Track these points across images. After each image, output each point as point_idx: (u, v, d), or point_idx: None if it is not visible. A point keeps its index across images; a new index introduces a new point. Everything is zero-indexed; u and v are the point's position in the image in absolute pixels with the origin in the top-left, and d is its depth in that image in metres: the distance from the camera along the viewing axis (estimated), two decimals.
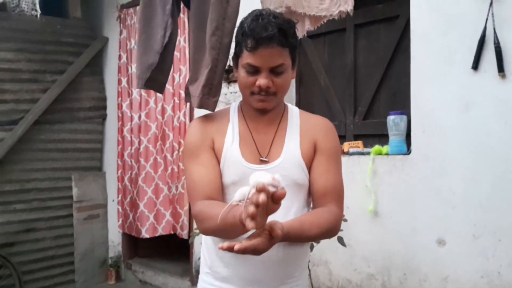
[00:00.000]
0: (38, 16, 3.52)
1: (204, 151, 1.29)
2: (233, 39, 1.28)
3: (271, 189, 0.96)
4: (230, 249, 1.01)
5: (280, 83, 1.23)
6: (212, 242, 1.32)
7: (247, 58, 1.20)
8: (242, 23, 1.23)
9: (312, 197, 1.33)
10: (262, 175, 0.98)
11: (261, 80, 1.21)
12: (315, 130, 1.33)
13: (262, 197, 0.91)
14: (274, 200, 0.96)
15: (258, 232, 1.05)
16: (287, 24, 1.20)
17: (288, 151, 1.29)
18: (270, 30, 1.15)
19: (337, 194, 1.30)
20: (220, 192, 1.27)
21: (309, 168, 1.30)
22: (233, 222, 1.03)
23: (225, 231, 1.12)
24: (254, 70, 1.21)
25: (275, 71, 1.21)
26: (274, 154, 1.29)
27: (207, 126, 1.33)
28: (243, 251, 1.01)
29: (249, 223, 0.93)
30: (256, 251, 1.03)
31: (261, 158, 1.28)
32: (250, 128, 1.32)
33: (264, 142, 1.31)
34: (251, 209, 0.92)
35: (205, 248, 1.37)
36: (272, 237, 1.04)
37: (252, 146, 1.30)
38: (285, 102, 1.39)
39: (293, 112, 1.38)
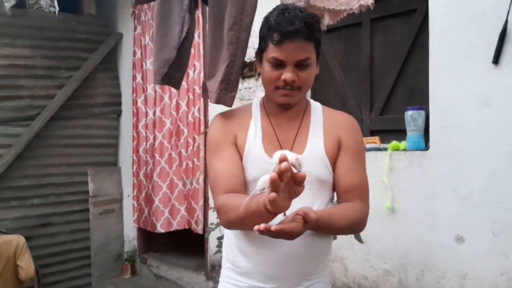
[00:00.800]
0: (56, 12, 3.54)
1: (227, 146, 1.30)
2: (257, 35, 1.27)
3: (293, 170, 0.95)
4: (267, 230, 0.99)
5: (305, 78, 1.23)
6: (234, 236, 1.32)
7: (272, 52, 1.20)
8: (267, 17, 1.23)
9: (337, 194, 1.33)
10: (286, 152, 0.97)
11: (287, 74, 1.21)
12: (338, 127, 1.33)
13: (284, 164, 0.90)
14: (296, 181, 0.94)
15: (289, 217, 1.05)
16: (313, 18, 1.20)
17: (311, 147, 1.29)
18: (297, 24, 1.15)
19: (363, 191, 1.31)
20: (243, 186, 1.27)
21: (333, 164, 1.30)
22: (257, 209, 1.03)
23: (249, 220, 1.10)
24: (279, 64, 1.21)
25: (300, 65, 1.21)
26: (297, 150, 1.28)
27: (230, 122, 1.34)
28: (280, 233, 1.01)
29: (269, 205, 0.93)
30: (291, 234, 1.03)
31: None
32: (272, 124, 1.32)
33: (287, 138, 1.31)
34: (273, 175, 0.90)
35: (227, 243, 1.37)
36: (306, 221, 1.03)
37: (275, 142, 1.30)
38: (307, 98, 1.38)
39: (316, 108, 1.37)
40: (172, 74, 1.58)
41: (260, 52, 1.28)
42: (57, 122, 4.14)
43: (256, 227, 1.00)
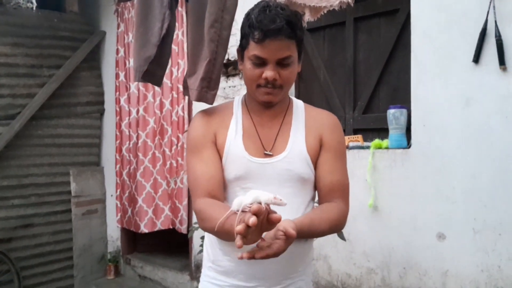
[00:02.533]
0: (34, 8, 3.48)
1: (207, 146, 1.28)
2: (239, 32, 1.26)
3: (273, 205, 0.98)
4: (250, 258, 1.01)
5: (286, 76, 1.22)
6: (214, 237, 1.31)
7: (254, 49, 1.19)
8: (248, 14, 1.21)
9: (318, 193, 1.33)
10: (263, 194, 0.99)
11: (268, 72, 1.19)
12: (321, 125, 1.32)
13: (252, 220, 0.91)
14: (269, 221, 0.97)
15: (271, 233, 1.05)
16: (295, 16, 1.19)
17: (293, 145, 1.28)
18: (278, 22, 1.14)
19: (344, 191, 1.31)
20: (221, 189, 1.27)
21: (315, 163, 1.30)
22: (230, 230, 1.02)
23: (223, 236, 1.16)
24: (261, 62, 1.20)
25: (282, 64, 1.20)
26: (279, 147, 1.28)
27: (210, 120, 1.32)
28: (266, 258, 1.02)
29: (239, 241, 0.94)
30: (276, 254, 1.03)
31: (266, 152, 1.27)
32: (254, 121, 1.31)
33: (268, 136, 1.29)
34: (239, 228, 0.93)
35: (208, 243, 1.36)
36: (287, 237, 1.03)
37: (256, 140, 1.29)
38: (290, 96, 1.38)
39: (298, 106, 1.37)
40: (152, 72, 1.56)
41: (241, 49, 1.26)
42: (39, 121, 4.07)
43: (239, 256, 1.02)
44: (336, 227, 1.27)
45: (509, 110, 2.06)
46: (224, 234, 1.12)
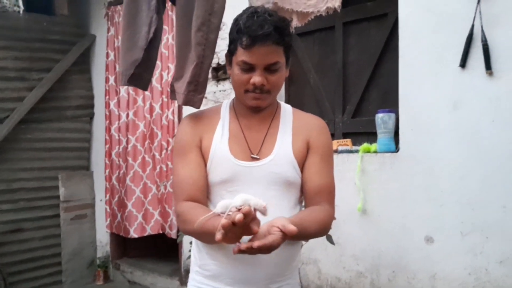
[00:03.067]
0: (21, 12, 3.46)
1: (192, 151, 1.29)
2: (227, 37, 1.26)
3: (258, 211, 1.02)
4: (249, 249, 1.01)
5: (274, 81, 1.23)
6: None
7: (241, 55, 1.19)
8: (236, 20, 1.22)
9: (304, 195, 1.33)
10: (253, 198, 1.02)
11: (256, 78, 1.20)
12: (308, 129, 1.33)
13: (239, 217, 0.94)
14: (248, 229, 1.00)
15: (264, 229, 1.05)
16: (282, 22, 1.20)
17: (280, 149, 1.28)
18: (266, 28, 1.14)
19: (330, 193, 1.31)
20: (204, 193, 1.28)
21: (301, 166, 1.30)
22: (211, 231, 1.04)
23: (203, 237, 1.18)
24: (248, 68, 1.20)
25: (269, 69, 1.21)
26: (266, 151, 1.28)
27: (197, 124, 1.33)
28: (260, 248, 1.01)
29: (219, 234, 0.97)
30: (270, 248, 1.03)
31: (252, 155, 1.27)
32: (241, 125, 1.32)
33: (255, 139, 1.30)
34: (224, 221, 0.96)
35: (195, 247, 1.36)
36: (285, 234, 1.03)
37: (243, 143, 1.29)
38: (278, 100, 1.38)
39: (286, 110, 1.37)
40: (139, 75, 1.55)
41: (230, 54, 1.26)
42: (28, 125, 4.04)
43: (236, 248, 1.02)
44: (324, 229, 1.28)
45: (495, 114, 2.08)
46: (204, 235, 1.14)
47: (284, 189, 1.27)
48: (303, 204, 1.37)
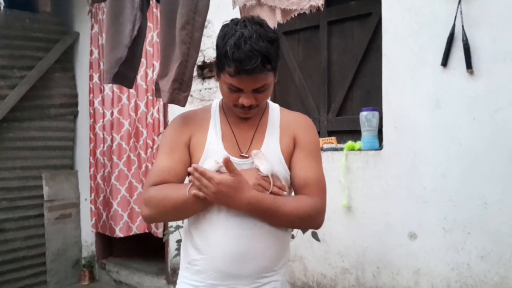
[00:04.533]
0: (2, 8, 3.40)
1: (179, 148, 1.31)
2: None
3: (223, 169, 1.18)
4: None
5: (262, 98, 1.26)
6: (191, 235, 1.32)
7: (229, 79, 1.20)
8: (223, 39, 1.18)
9: (294, 190, 1.35)
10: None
11: (244, 100, 1.22)
12: (294, 126, 1.36)
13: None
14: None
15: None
16: (271, 45, 1.17)
17: (267, 146, 1.31)
18: (254, 62, 1.13)
19: (318, 187, 1.32)
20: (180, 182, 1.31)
21: (289, 163, 1.33)
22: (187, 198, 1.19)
23: (185, 207, 1.23)
24: (236, 90, 1.22)
25: (258, 90, 1.22)
26: (254, 149, 1.30)
27: (188, 123, 1.35)
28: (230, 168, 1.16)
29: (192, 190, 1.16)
30: (234, 170, 1.16)
31: (241, 154, 1.30)
32: (231, 124, 1.34)
33: (245, 137, 1.33)
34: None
35: (184, 244, 1.37)
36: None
37: (233, 142, 1.32)
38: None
39: (274, 109, 1.40)
40: (124, 73, 1.55)
41: (217, 68, 1.25)
42: (10, 124, 3.98)
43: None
44: (309, 217, 1.27)
45: (476, 112, 2.12)
46: (185, 204, 1.21)
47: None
48: None
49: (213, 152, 1.28)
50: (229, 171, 1.16)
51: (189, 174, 1.28)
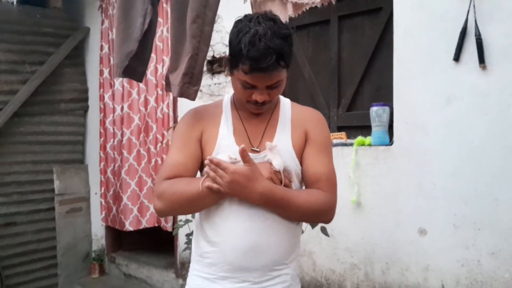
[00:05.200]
0: (15, 3, 3.43)
1: (190, 142, 1.32)
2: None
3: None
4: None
5: (275, 94, 1.27)
6: (203, 228, 1.33)
7: (243, 76, 1.20)
8: (237, 36, 1.18)
9: (305, 185, 1.36)
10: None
11: (258, 96, 1.23)
12: (306, 121, 1.36)
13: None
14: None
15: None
16: (285, 42, 1.17)
17: (279, 141, 1.31)
18: (269, 60, 1.13)
19: (329, 182, 1.32)
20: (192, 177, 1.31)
21: (300, 157, 1.34)
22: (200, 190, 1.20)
23: (199, 200, 1.23)
24: (250, 86, 1.22)
25: (271, 87, 1.23)
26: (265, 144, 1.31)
27: (200, 118, 1.36)
28: (247, 159, 1.18)
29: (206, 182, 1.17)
30: (250, 161, 1.18)
31: (253, 148, 1.31)
32: (242, 119, 1.35)
33: (256, 132, 1.34)
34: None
35: (196, 237, 1.38)
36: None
37: (244, 136, 1.33)
38: None
39: (285, 104, 1.41)
40: (134, 67, 1.55)
41: (230, 64, 1.26)
42: (21, 118, 4.02)
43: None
44: (320, 211, 1.29)
45: (488, 108, 2.10)
46: (199, 197, 1.21)
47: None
48: None
49: (225, 147, 1.29)
50: (244, 161, 1.17)
51: (201, 168, 1.29)
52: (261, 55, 1.13)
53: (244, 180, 1.17)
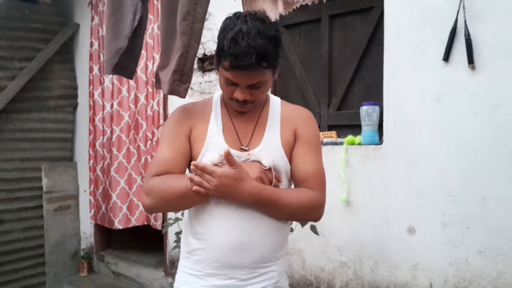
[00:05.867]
0: None
1: (179, 139, 1.32)
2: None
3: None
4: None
5: (258, 94, 1.26)
6: (191, 225, 1.33)
7: (225, 72, 1.20)
8: (223, 32, 1.18)
9: (294, 183, 1.36)
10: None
11: (239, 95, 1.23)
12: (295, 119, 1.36)
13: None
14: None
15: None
16: (269, 42, 1.16)
17: (268, 140, 1.32)
18: (248, 58, 1.12)
19: (318, 180, 1.33)
20: (181, 173, 1.31)
21: (289, 156, 1.34)
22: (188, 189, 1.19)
23: (185, 197, 1.22)
24: (232, 83, 1.22)
25: (253, 86, 1.22)
26: (255, 142, 1.32)
27: (189, 115, 1.35)
28: (230, 160, 1.16)
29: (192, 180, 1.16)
30: (234, 163, 1.17)
31: (241, 147, 1.31)
32: (231, 117, 1.35)
33: (245, 130, 1.34)
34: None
35: (184, 235, 1.39)
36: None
37: (234, 134, 1.33)
38: (267, 93, 1.40)
39: (275, 102, 1.41)
40: (124, 64, 1.54)
41: (216, 60, 1.26)
42: (9, 115, 3.97)
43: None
44: (309, 209, 1.29)
45: (477, 106, 2.12)
46: (191, 191, 1.19)
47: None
48: None
49: (213, 145, 1.29)
50: (229, 163, 1.16)
51: (189, 166, 1.28)
52: (241, 53, 1.12)
53: (231, 182, 1.16)
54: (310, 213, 1.31)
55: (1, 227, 3.93)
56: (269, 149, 1.30)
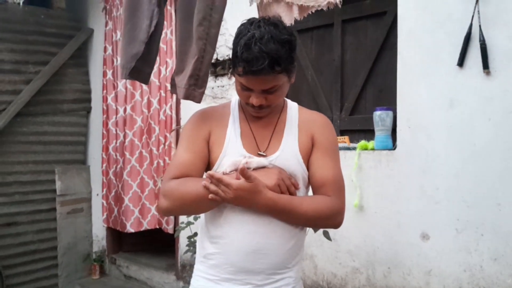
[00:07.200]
0: (21, 4, 3.44)
1: (198, 142, 1.32)
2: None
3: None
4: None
5: (273, 99, 1.26)
6: (207, 229, 1.34)
7: (239, 78, 1.22)
8: (237, 38, 1.20)
9: (312, 190, 1.36)
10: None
11: (254, 100, 1.24)
12: (312, 125, 1.36)
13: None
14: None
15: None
16: (282, 47, 1.16)
17: (286, 145, 1.32)
18: (260, 63, 1.13)
19: (336, 186, 1.32)
20: (198, 176, 1.32)
21: (307, 162, 1.34)
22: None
23: (204, 199, 1.21)
24: (247, 89, 1.23)
25: (268, 91, 1.23)
26: (273, 148, 1.32)
27: (207, 119, 1.36)
28: (245, 175, 1.16)
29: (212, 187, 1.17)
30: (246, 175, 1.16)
31: (259, 152, 1.31)
32: (249, 122, 1.36)
33: (263, 136, 1.34)
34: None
35: (200, 238, 1.39)
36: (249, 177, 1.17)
37: (251, 140, 1.33)
38: (285, 98, 1.41)
39: (292, 107, 1.41)
40: (140, 69, 1.56)
41: (231, 66, 1.27)
42: (24, 118, 4.03)
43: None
44: (326, 217, 1.28)
45: (492, 112, 2.10)
46: (204, 198, 1.20)
47: None
48: None
49: (232, 150, 1.30)
50: (245, 178, 1.16)
51: (207, 169, 1.29)
52: (253, 58, 1.13)
53: (247, 194, 1.18)
54: (327, 219, 1.30)
55: (15, 229, 3.98)
56: (286, 155, 1.31)
